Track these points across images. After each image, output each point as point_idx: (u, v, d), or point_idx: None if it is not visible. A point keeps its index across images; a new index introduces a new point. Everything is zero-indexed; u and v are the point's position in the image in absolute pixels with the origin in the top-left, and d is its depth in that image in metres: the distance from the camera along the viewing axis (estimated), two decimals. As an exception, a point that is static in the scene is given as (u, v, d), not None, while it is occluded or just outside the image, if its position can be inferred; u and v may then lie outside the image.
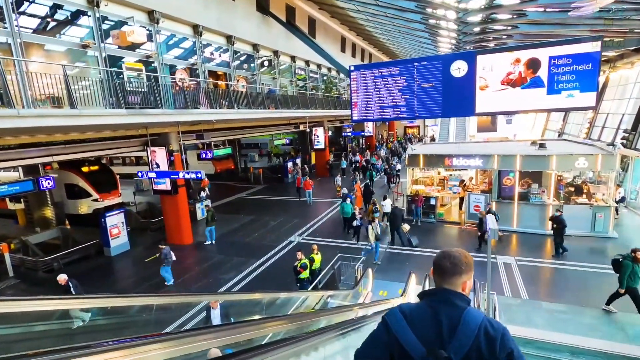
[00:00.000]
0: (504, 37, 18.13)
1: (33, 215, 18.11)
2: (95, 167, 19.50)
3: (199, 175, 11.04)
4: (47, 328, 3.32)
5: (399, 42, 29.51)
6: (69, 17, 9.86)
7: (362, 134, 32.78)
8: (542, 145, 14.84)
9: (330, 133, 40.53)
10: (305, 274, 8.69)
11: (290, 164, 27.58)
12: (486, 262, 6.60)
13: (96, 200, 18.17)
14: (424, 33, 21.95)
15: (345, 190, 17.85)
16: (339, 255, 10.36)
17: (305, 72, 24.74)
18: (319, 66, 27.02)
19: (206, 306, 6.81)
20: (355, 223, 13.40)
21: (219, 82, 14.24)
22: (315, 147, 29.01)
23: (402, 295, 7.78)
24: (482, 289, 8.26)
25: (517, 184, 14.25)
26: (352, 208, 14.11)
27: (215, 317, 6.77)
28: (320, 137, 28.60)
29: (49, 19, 9.51)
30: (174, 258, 10.78)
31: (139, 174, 11.21)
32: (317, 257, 9.53)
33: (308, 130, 21.42)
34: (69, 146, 10.59)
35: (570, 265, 10.97)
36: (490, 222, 6.79)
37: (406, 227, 13.13)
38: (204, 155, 18.59)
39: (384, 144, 39.58)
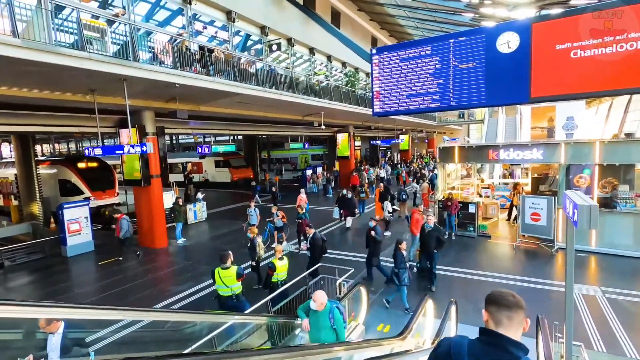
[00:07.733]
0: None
1: (24, 212, 17.08)
2: (94, 164, 18.18)
3: (144, 148, 8.54)
4: None
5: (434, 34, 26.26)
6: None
7: (395, 141, 29.40)
8: (629, 136, 10.70)
9: (358, 143, 37.85)
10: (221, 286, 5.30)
11: (309, 172, 24.88)
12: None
13: (88, 198, 16.66)
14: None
15: (254, 220, 11.52)
16: (320, 265, 7.03)
17: (327, 69, 22.24)
18: (343, 64, 24.44)
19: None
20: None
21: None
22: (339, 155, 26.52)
23: (400, 336, 4.38)
24: (554, 336, 4.59)
25: (596, 185, 10.13)
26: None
27: (54, 348, 3.86)
28: (344, 144, 25.87)
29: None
30: None
31: (86, 150, 8.98)
32: (280, 265, 6.28)
33: (323, 127, 18.45)
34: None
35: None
36: (577, 197, 3.35)
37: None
38: (200, 151, 16.57)
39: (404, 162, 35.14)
